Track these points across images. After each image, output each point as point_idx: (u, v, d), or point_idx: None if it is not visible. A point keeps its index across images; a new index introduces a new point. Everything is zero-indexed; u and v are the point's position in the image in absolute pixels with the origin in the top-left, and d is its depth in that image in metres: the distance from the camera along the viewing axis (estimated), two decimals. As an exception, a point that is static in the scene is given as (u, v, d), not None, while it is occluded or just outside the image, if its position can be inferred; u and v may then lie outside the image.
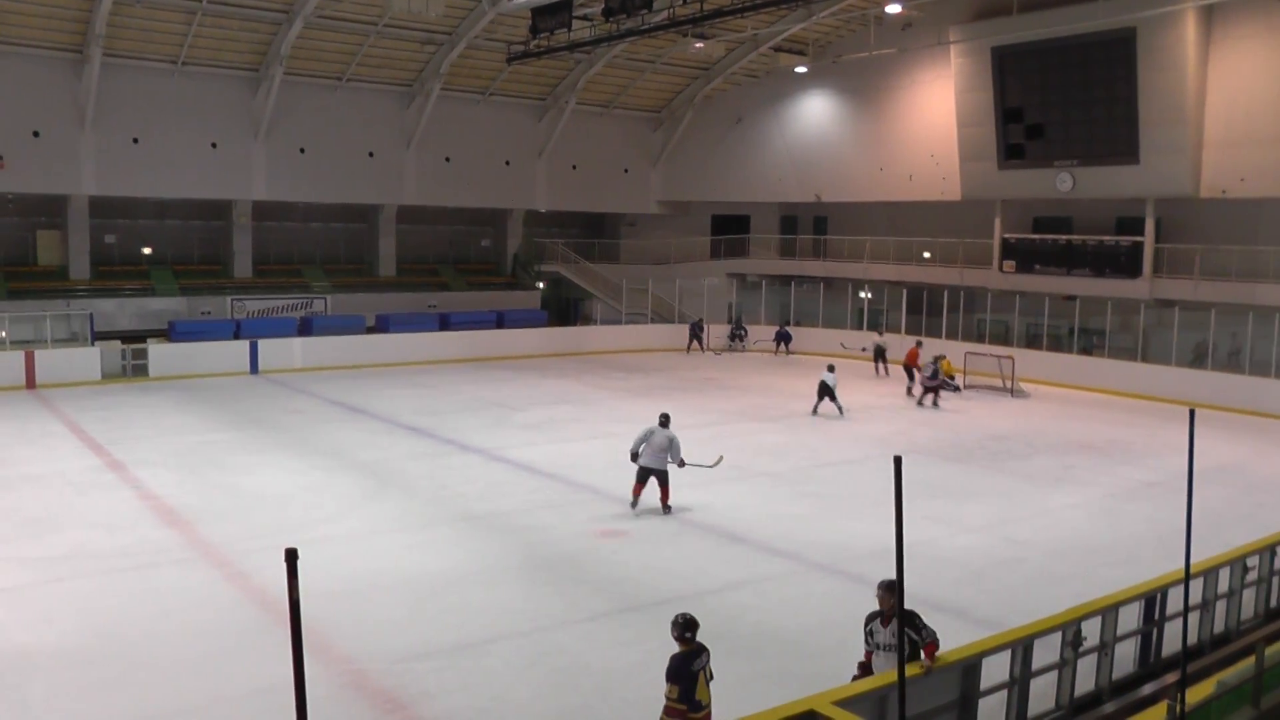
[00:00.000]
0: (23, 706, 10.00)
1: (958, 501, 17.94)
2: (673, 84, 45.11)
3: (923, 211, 40.29)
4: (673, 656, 7.80)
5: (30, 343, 32.01)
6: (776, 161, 44.63)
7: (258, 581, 13.47)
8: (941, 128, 37.68)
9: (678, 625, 7.90)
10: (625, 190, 47.67)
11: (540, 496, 18.08)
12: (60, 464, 20.50)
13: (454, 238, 48.21)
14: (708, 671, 7.78)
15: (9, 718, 9.78)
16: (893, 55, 37.68)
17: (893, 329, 38.75)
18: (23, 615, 12.36)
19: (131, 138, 36.00)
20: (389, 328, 38.87)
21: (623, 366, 36.50)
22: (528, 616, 12.15)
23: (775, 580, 13.76)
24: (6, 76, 33.57)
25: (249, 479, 19.31)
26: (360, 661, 10.92)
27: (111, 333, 35.22)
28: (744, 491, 18.60)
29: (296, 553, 4.41)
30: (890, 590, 8.09)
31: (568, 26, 31.68)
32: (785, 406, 28.06)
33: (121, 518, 16.56)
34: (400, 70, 39.55)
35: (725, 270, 45.91)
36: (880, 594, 8.36)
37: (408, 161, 41.67)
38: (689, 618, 7.94)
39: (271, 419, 25.61)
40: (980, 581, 13.74)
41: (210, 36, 34.93)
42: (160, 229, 41.26)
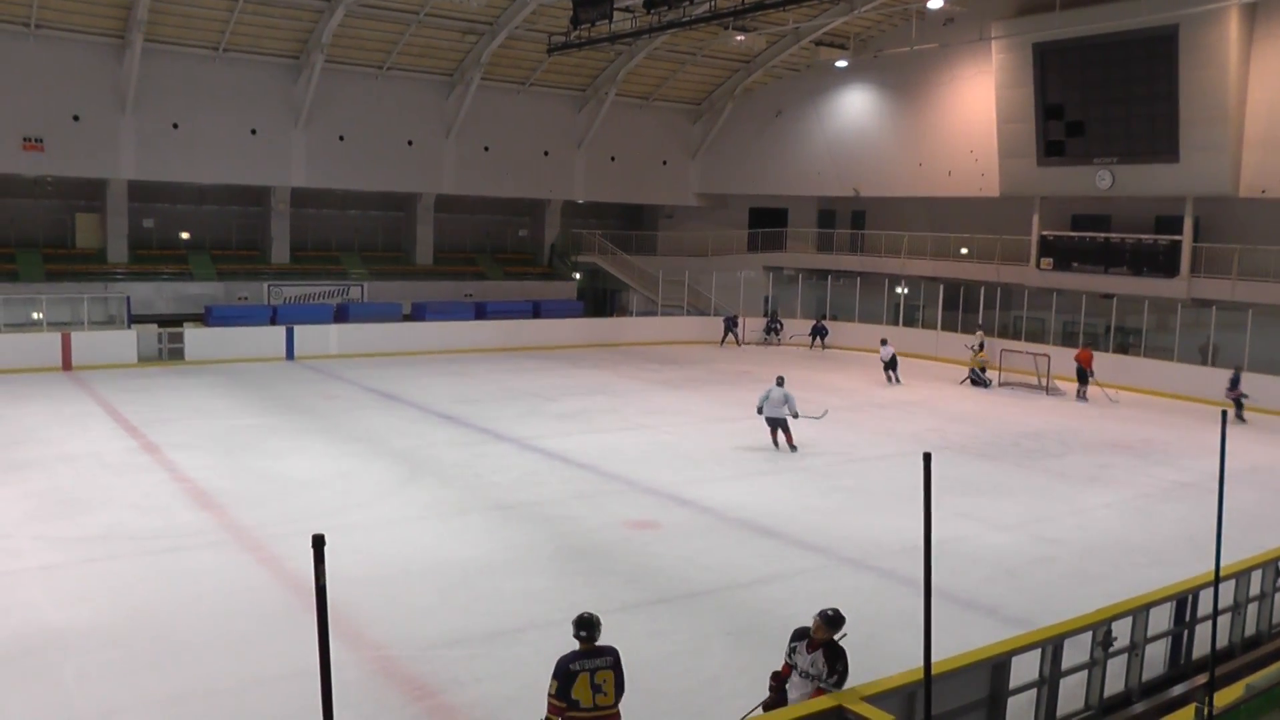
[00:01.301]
0: (56, 684, 10.15)
1: (991, 499, 17.89)
2: (713, 76, 45.05)
3: (961, 207, 40.11)
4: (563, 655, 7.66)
5: (68, 325, 32.45)
6: (815, 155, 44.52)
7: (290, 566, 13.60)
8: (981, 124, 37.51)
9: (574, 624, 7.74)
10: (663, 182, 47.65)
11: (573, 487, 18.15)
12: (96, 445, 20.73)
13: (491, 227, 48.30)
14: (598, 678, 7.50)
15: (43, 695, 9.92)
16: (934, 50, 37.52)
17: (929, 324, 38.68)
18: (57, 594, 12.53)
19: (171, 123, 36.28)
20: (425, 316, 39.01)
21: (658, 358, 36.53)
22: (558, 606, 12.19)
23: (806, 574, 13.77)
24: (48, 61, 33.88)
25: (283, 464, 19.46)
26: (390, 648, 11.02)
27: (148, 316, 35.53)
28: (776, 485, 18.62)
29: (323, 539, 4.47)
30: (829, 624, 7.92)
31: (609, 18, 31.62)
32: (820, 401, 27.97)
33: (155, 500, 16.74)
34: (441, 60, 39.66)
35: (762, 263, 45.85)
36: (816, 621, 8.05)
37: (447, 151, 41.80)
38: (586, 618, 7.73)
39: (306, 405, 25.80)
40: (1011, 579, 13.71)
41: (252, 23, 35.16)
42: (198, 214, 41.55)
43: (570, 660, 7.53)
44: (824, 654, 7.78)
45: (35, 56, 33.63)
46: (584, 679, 7.43)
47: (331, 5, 34.32)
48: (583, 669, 7.46)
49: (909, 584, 13.10)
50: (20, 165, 34.69)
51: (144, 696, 9.94)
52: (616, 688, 7.57)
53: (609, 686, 7.51)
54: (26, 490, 17.18)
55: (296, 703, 9.65)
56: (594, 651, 7.61)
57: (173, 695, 9.95)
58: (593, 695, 7.42)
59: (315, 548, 4.44)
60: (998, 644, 8.51)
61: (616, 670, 7.60)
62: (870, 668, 9.34)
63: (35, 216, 38.50)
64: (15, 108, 33.64)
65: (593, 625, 7.69)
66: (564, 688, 7.41)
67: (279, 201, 40.61)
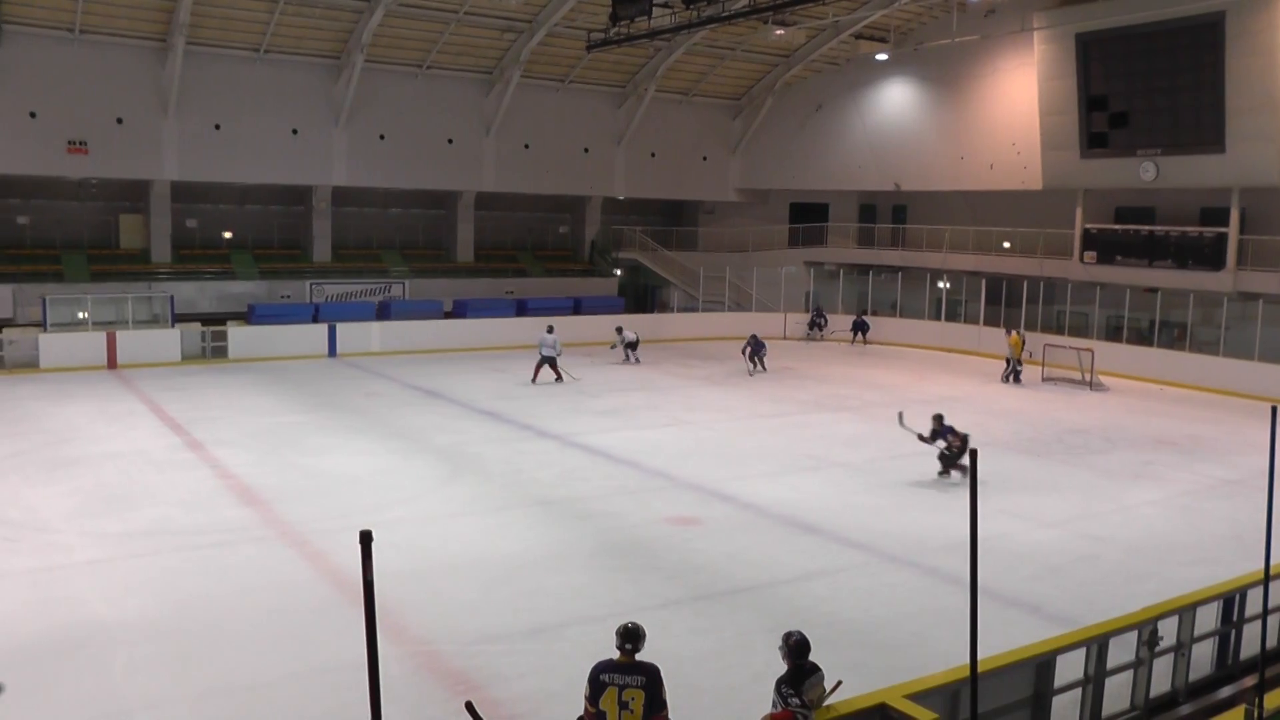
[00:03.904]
0: (104, 676, 10.30)
1: (1034, 495, 17.75)
2: (752, 71, 44.94)
3: (1003, 201, 39.83)
4: (600, 661, 7.34)
5: (112, 324, 32.75)
6: (856, 149, 44.36)
7: (333, 561, 13.71)
8: (1023, 116, 37.18)
9: (618, 633, 7.35)
10: (704, 178, 47.60)
11: (614, 483, 18.16)
12: (141, 442, 20.95)
13: (532, 224, 48.41)
14: (626, 695, 7.08)
15: (91, 686, 10.07)
16: (975, 42, 37.27)
17: (971, 319, 38.43)
18: (104, 588, 12.71)
19: (213, 124, 36.64)
20: (466, 313, 39.12)
21: (699, 354, 36.49)
22: (600, 602, 12.22)
23: (849, 571, 13.73)
24: (92, 65, 34.37)
25: (325, 460, 19.59)
26: (434, 643, 11.07)
27: (192, 315, 35.85)
28: (819, 481, 18.56)
29: (371, 535, 4.50)
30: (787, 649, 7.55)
31: (648, 14, 31.62)
32: (862, 396, 27.89)
33: (200, 496, 16.91)
34: (480, 58, 39.78)
35: (803, 259, 45.69)
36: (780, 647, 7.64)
37: (487, 148, 41.92)
38: (629, 630, 7.32)
39: (348, 402, 25.95)
40: (1056, 577, 13.58)
41: (292, 24, 35.43)
42: (241, 214, 41.90)
43: (602, 670, 7.22)
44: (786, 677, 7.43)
45: (80, 61, 34.11)
46: (611, 693, 7.09)
47: (371, 5, 34.51)
48: (612, 682, 7.11)
49: (952, 581, 13.02)
50: (65, 168, 35.19)
51: (190, 689, 10.06)
52: (646, 707, 7.08)
53: (637, 705, 7.07)
54: (74, 487, 17.42)
55: (340, 696, 9.74)
56: (630, 667, 7.21)
57: (218, 688, 10.07)
58: (619, 712, 7.06)
59: (363, 543, 4.47)
60: (1042, 642, 8.46)
61: (649, 690, 7.11)
62: (913, 665, 9.34)
63: (80, 218, 39.01)
64: (60, 112, 34.16)
65: (635, 638, 7.27)
66: (594, 695, 7.16)
67: (320, 200, 40.86)
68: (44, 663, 10.57)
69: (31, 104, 33.88)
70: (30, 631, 11.32)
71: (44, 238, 38.05)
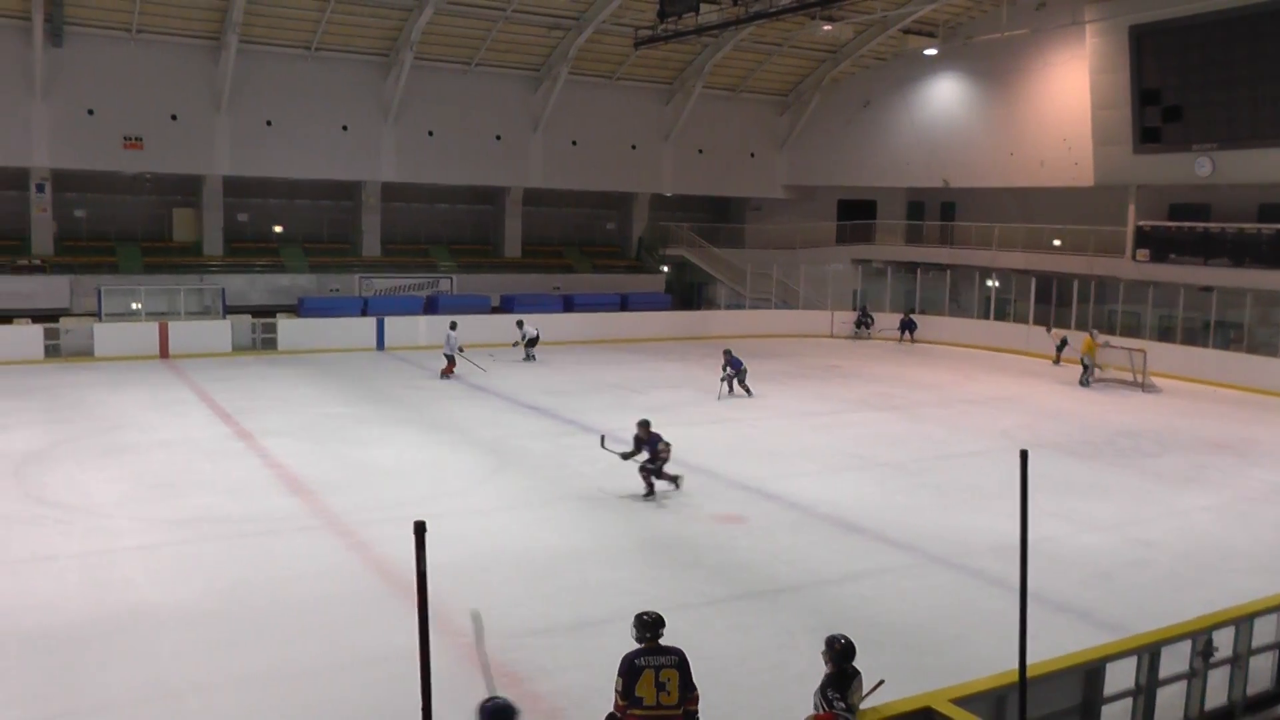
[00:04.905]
0: (153, 660, 10.43)
1: (1083, 499, 17.50)
2: (800, 67, 44.75)
3: (1053, 198, 39.41)
4: (628, 651, 7.56)
5: (164, 315, 33.35)
6: (904, 146, 44.07)
7: (379, 552, 13.80)
8: (1075, 111, 36.73)
9: (636, 624, 7.62)
10: (751, 174, 47.46)
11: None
12: (191, 431, 21.24)
13: (579, 220, 48.47)
14: (663, 675, 7.35)
15: (140, 670, 10.21)
16: (1025, 36, 36.85)
17: (1020, 318, 38.08)
18: (153, 573, 12.92)
19: (265, 120, 37.01)
20: (513, 308, 39.20)
21: (745, 352, 36.21)
22: (644, 598, 12.16)
23: (894, 572, 13.62)
24: (147, 64, 34.93)
25: (372, 452, 19.72)
26: (476, 634, 11.10)
27: (242, 307, 36.18)
28: (864, 481, 18.44)
29: (425, 525, 4.51)
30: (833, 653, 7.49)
31: (695, 10, 31.57)
32: (908, 396, 27.70)
33: (248, 485, 17.11)
34: (528, 55, 39.86)
35: (850, 256, 45.37)
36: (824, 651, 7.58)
37: (534, 145, 42.01)
38: (651, 619, 7.62)
39: (396, 394, 26.12)
40: (1106, 583, 13.38)
41: (342, 23, 35.72)
42: (291, 208, 42.27)
43: (635, 656, 7.45)
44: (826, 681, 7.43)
45: (135, 60, 34.69)
46: (649, 675, 7.34)
47: (420, 3, 34.71)
48: (648, 665, 7.38)
49: (998, 584, 12.88)
50: (121, 163, 35.78)
51: (236, 674, 10.17)
52: (681, 687, 7.41)
53: (673, 685, 7.37)
54: (125, 473, 17.72)
55: (385, 686, 9.80)
56: (659, 650, 7.50)
57: (264, 674, 10.18)
58: (656, 693, 7.31)
59: (417, 534, 4.48)
60: (1091, 649, 8.33)
61: (681, 670, 7.44)
62: (957, 669, 9.24)
63: (134, 211, 39.53)
64: (116, 108, 34.75)
65: (659, 624, 7.58)
66: (629, 684, 7.33)
67: (369, 196, 41.12)
68: (94, 643, 10.75)
69: (90, 101, 34.46)
70: (81, 613, 11.54)
71: (100, 230, 38.59)
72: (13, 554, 13.58)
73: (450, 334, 29.37)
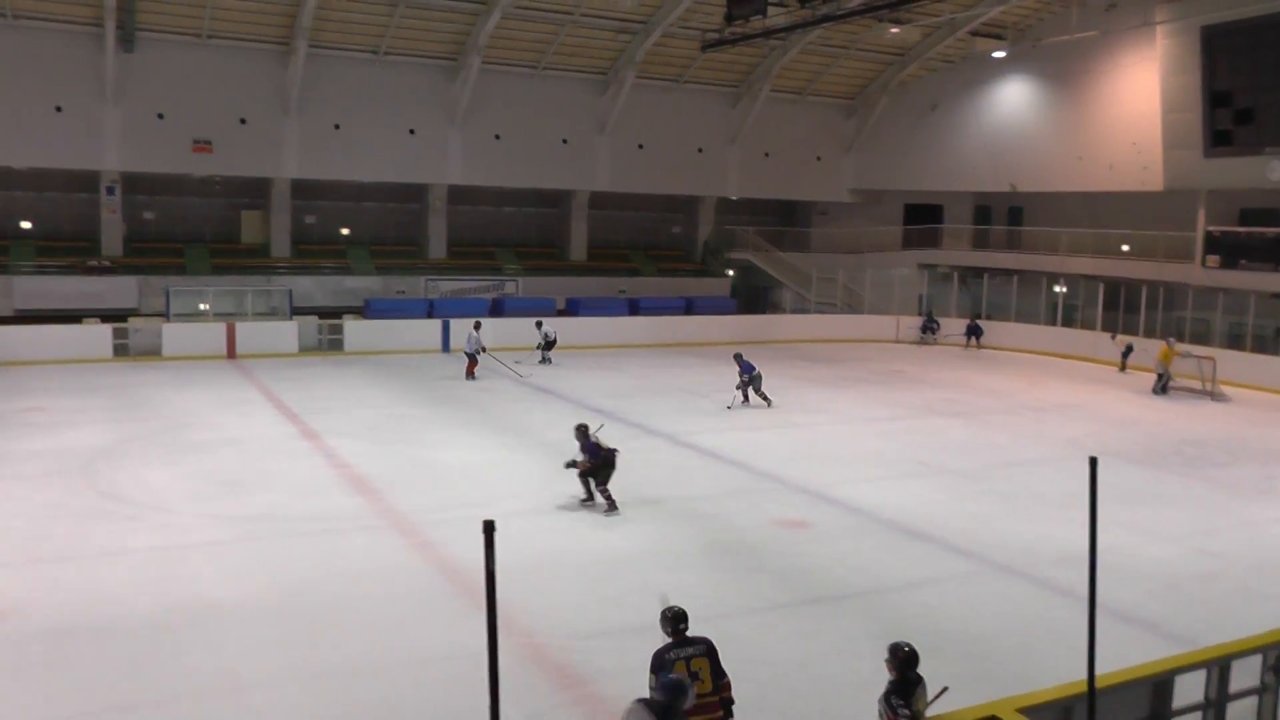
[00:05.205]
0: (217, 653, 10.63)
1: (1151, 508, 17.27)
2: (867, 70, 44.57)
3: (1122, 202, 38.88)
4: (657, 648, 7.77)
5: (232, 315, 33.96)
6: (971, 150, 43.71)
7: (443, 552, 13.95)
8: (1144, 114, 36.24)
9: (663, 620, 7.91)
10: (817, 178, 47.33)
11: (723, 484, 18.17)
12: (257, 430, 21.56)
13: (645, 224, 48.59)
14: (694, 665, 7.62)
15: (206, 663, 10.41)
16: (1095, 38, 36.41)
17: (1088, 324, 37.67)
18: (220, 569, 13.15)
19: (333, 124, 37.51)
20: (579, 311, 39.41)
21: (810, 356, 36.30)
22: (706, 602, 12.18)
23: (957, 580, 13.55)
24: (217, 68, 35.62)
25: (437, 453, 19.91)
26: (539, 636, 11.18)
27: (309, 309, 36.72)
28: (928, 488, 18.33)
29: (494, 525, 4.59)
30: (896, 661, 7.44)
31: (763, 13, 31.53)
32: (973, 402, 27.51)
33: (314, 484, 17.36)
34: (595, 58, 40.03)
35: (916, 260, 45.13)
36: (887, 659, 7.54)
37: (601, 148, 42.18)
38: (676, 613, 7.90)
39: (461, 396, 26.33)
40: (1174, 595, 13.21)
41: (410, 27, 36.13)
42: (358, 211, 42.78)
43: (665, 650, 7.68)
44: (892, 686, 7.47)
45: (205, 64, 35.38)
46: (680, 667, 7.54)
47: (488, 8, 35.00)
48: (678, 657, 7.61)
49: (1064, 594, 12.77)
50: (190, 166, 36.45)
51: (299, 669, 10.34)
52: (712, 674, 7.66)
53: (705, 674, 7.61)
54: (193, 471, 18.05)
55: (447, 685, 9.94)
56: (687, 641, 7.76)
57: (327, 670, 10.33)
58: (691, 682, 7.41)
59: (486, 533, 4.58)
60: (1159, 661, 8.24)
61: (710, 657, 7.70)
62: (1021, 678, 9.20)
63: (203, 214, 40.29)
64: (187, 112, 35.45)
65: (683, 617, 7.87)
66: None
67: (436, 199, 41.50)
68: (162, 637, 10.98)
69: (160, 106, 35.16)
70: (149, 606, 11.78)
71: (168, 232, 39.31)
72: (83, 548, 13.90)
73: (472, 333, 29.48)
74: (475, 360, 29.14)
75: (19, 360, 29.63)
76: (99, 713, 9.41)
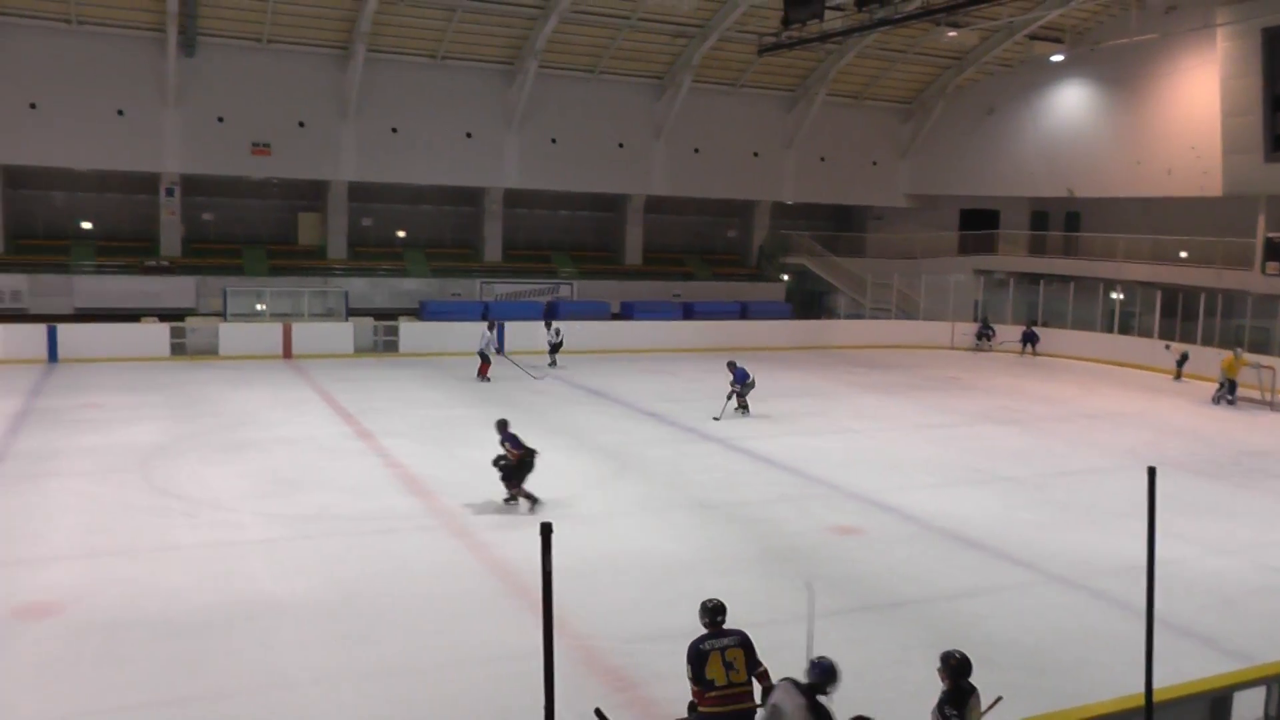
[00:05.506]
0: (271, 650, 10.75)
1: (1209, 520, 17.02)
2: (924, 74, 44.39)
3: (1181, 208, 38.47)
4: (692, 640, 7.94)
5: (288, 316, 34.34)
6: (1028, 154, 43.39)
7: (497, 553, 14.01)
8: (1204, 118, 35.81)
9: (702, 610, 8.11)
10: (873, 183, 47.16)
11: (777, 489, 18.12)
12: (312, 430, 21.77)
13: (700, 228, 48.63)
14: (729, 655, 7.77)
15: (260, 658, 10.54)
16: (1154, 41, 36.10)
17: (1145, 332, 37.27)
18: (275, 566, 13.30)
19: (390, 127, 37.88)
20: (633, 315, 39.51)
21: (864, 362, 36.17)
22: (760, 608, 12.18)
23: (1012, 590, 13.45)
24: (277, 73, 36.13)
25: (490, 454, 19.88)
26: (593, 639, 11.21)
27: (365, 310, 37.09)
28: (983, 496, 18.22)
29: (551, 526, 4.63)
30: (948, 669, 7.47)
31: (820, 16, 31.43)
32: (1029, 409, 27.31)
33: (368, 483, 17.50)
34: (651, 62, 40.13)
35: (972, 266, 44.86)
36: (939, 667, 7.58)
37: (657, 152, 42.27)
38: (715, 604, 8.12)
39: (515, 398, 26.40)
40: (1232, 609, 13.01)
41: (468, 31, 36.44)
42: (414, 213, 43.14)
43: (700, 641, 7.83)
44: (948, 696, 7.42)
45: (266, 68, 35.89)
46: (715, 657, 7.72)
47: (545, 12, 35.20)
48: (713, 648, 7.77)
49: (1121, 606, 12.64)
50: (249, 168, 36.96)
51: (353, 668, 10.41)
52: (747, 664, 7.81)
53: (740, 664, 7.76)
54: (248, 469, 18.27)
55: (500, 684, 9.99)
56: (722, 632, 7.93)
57: (380, 669, 10.39)
58: (725, 673, 7.68)
59: (543, 535, 4.65)
60: (1218, 676, 8.18)
61: (745, 648, 7.86)
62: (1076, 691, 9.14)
63: (261, 215, 40.82)
64: (246, 116, 35.97)
65: (721, 610, 8.09)
66: (698, 670, 7.70)
67: (492, 202, 41.79)
68: (216, 632, 11.11)
69: (220, 109, 35.69)
70: (204, 602, 11.92)
71: (226, 233, 39.85)
72: (139, 543, 14.11)
73: (486, 334, 29.59)
74: (488, 361, 29.21)
75: (78, 357, 30.24)
76: (151, 706, 9.53)
